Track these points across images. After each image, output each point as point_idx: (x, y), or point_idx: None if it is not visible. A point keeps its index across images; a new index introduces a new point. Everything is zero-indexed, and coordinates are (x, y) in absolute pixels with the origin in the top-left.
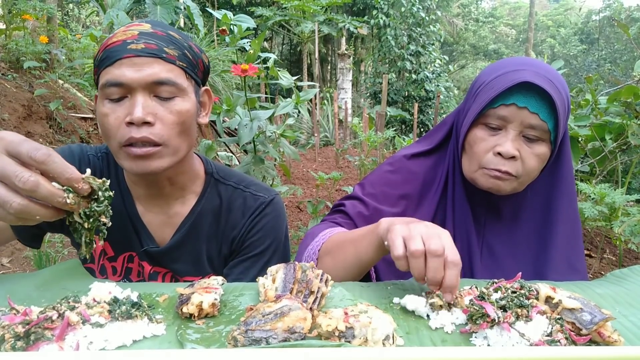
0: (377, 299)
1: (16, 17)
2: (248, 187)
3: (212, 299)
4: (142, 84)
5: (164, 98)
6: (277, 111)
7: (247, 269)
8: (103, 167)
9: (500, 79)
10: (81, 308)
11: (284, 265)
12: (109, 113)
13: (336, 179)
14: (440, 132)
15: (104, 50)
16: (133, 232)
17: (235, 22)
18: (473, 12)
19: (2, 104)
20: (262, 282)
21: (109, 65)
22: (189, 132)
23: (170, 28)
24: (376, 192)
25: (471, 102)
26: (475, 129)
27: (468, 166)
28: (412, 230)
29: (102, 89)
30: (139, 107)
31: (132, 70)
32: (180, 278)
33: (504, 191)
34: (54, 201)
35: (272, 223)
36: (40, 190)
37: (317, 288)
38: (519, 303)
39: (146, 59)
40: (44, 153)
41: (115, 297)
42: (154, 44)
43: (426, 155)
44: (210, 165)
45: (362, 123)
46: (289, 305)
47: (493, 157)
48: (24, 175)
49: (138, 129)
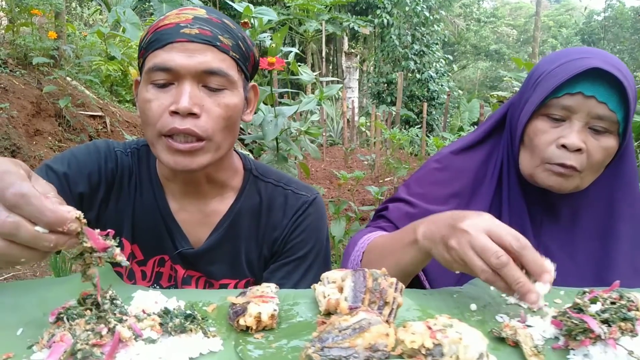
0: (448, 308)
1: (23, 12)
2: (288, 185)
3: (271, 309)
4: (192, 71)
5: (213, 89)
6: (300, 107)
7: (290, 273)
8: (132, 164)
9: (565, 66)
10: (131, 321)
11: (351, 272)
12: (152, 99)
13: (359, 178)
14: (487, 125)
15: (154, 32)
16: (166, 232)
17: (256, 15)
18: (475, 12)
19: (11, 100)
20: (322, 291)
21: (159, 48)
22: (234, 128)
23: (225, 16)
24: (424, 192)
25: (530, 93)
26: (535, 121)
27: (528, 161)
28: (476, 237)
29: (147, 73)
30: (186, 96)
31: (182, 56)
32: (216, 282)
33: (565, 190)
34: (39, 245)
35: (315, 224)
36: (20, 233)
37: (392, 298)
38: (622, 316)
39: (199, 45)
40: (14, 193)
41: (166, 308)
42: (208, 31)
43: (474, 149)
44: (248, 162)
45: (369, 122)
46: (368, 319)
47: (557, 150)
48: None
49: (182, 119)
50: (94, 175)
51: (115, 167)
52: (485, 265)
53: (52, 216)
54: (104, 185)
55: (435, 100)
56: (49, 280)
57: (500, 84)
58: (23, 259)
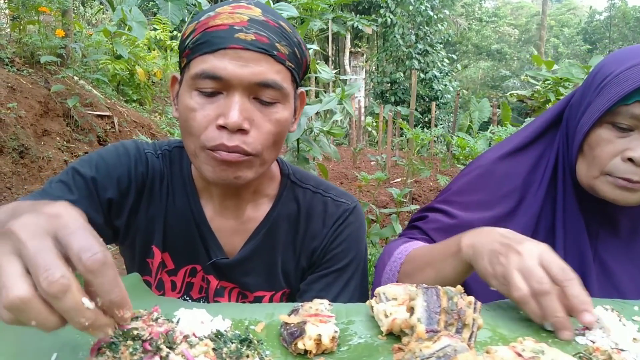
0: (518, 328)
1: (30, 10)
2: (327, 192)
3: (331, 331)
4: (245, 83)
5: (265, 103)
6: (322, 106)
7: (329, 285)
8: (163, 167)
9: (636, 70)
10: (183, 347)
11: (422, 290)
12: (197, 108)
13: (381, 180)
14: (537, 124)
15: (203, 33)
16: (199, 240)
17: (276, 10)
18: (476, 11)
19: (19, 100)
20: (382, 309)
21: (209, 52)
22: (282, 142)
23: (280, 17)
24: (465, 201)
25: (593, 96)
26: (598, 129)
27: (586, 171)
28: (527, 260)
29: (193, 79)
30: (236, 110)
31: (236, 65)
32: (251, 294)
33: (630, 203)
34: (74, 319)
35: (355, 233)
36: (65, 300)
37: (471, 320)
38: None
39: (255, 54)
40: (97, 260)
41: (218, 330)
42: (265, 37)
43: (523, 151)
44: (286, 167)
45: (375, 122)
46: (454, 346)
47: (621, 164)
48: (54, 274)
49: (230, 136)
50: (124, 179)
51: (146, 171)
52: (525, 286)
53: (119, 295)
54: (134, 190)
55: (439, 100)
56: None
57: (502, 83)
58: (35, 321)
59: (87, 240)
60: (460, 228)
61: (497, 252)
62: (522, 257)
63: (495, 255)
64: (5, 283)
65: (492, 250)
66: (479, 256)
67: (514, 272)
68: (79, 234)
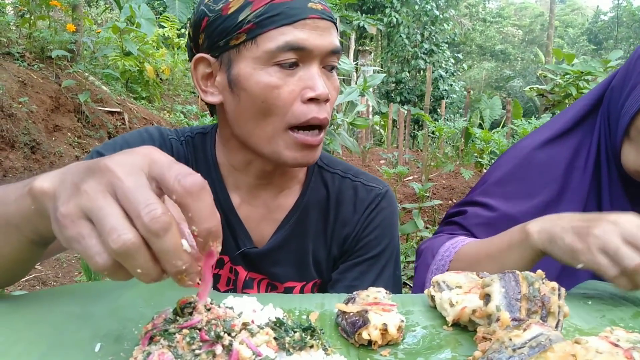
0: (593, 318)
1: (40, 5)
2: (357, 177)
3: (397, 320)
4: (323, 52)
5: (330, 69)
6: (344, 97)
7: (363, 273)
8: (187, 153)
9: None
10: (243, 336)
11: (498, 275)
12: (280, 84)
13: (402, 174)
14: (576, 109)
15: (270, 5)
16: (227, 230)
17: None
18: (480, 12)
19: (30, 95)
20: (447, 297)
21: (288, 24)
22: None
23: None
24: (505, 191)
25: (638, 78)
26: None
27: (634, 158)
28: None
29: (273, 52)
30: (321, 81)
31: (315, 35)
32: (281, 285)
33: None
34: (170, 261)
35: (389, 220)
36: (166, 238)
37: (557, 307)
38: None
39: (327, 22)
40: (197, 182)
41: (278, 319)
42: (326, 6)
43: (562, 139)
44: None
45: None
46: (547, 334)
47: None
48: (156, 210)
49: (319, 108)
50: None
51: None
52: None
53: (217, 224)
54: None
55: (445, 100)
56: (113, 285)
57: (506, 84)
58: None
59: (184, 168)
60: (503, 221)
61: (585, 227)
62: (620, 225)
63: (583, 230)
64: (115, 226)
65: (576, 227)
66: (558, 237)
67: (615, 240)
68: (173, 166)
